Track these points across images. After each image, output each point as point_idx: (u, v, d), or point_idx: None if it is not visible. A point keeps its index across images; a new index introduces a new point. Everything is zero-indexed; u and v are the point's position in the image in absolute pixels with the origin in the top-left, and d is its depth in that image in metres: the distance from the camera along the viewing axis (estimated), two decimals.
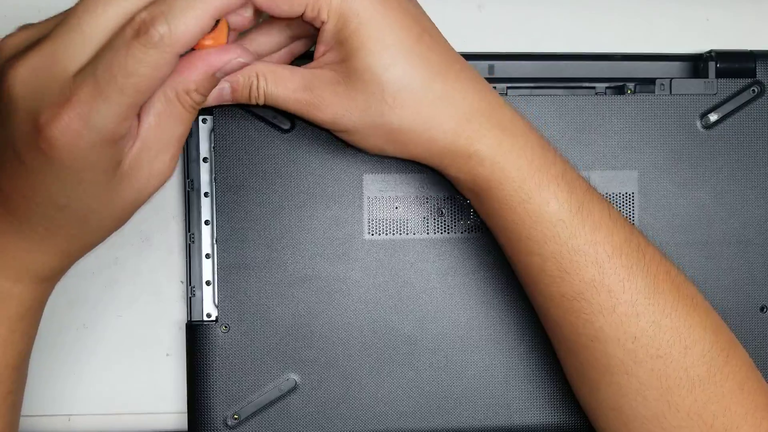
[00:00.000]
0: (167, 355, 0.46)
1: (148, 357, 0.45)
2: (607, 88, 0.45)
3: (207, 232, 0.43)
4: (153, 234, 0.46)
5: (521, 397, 0.44)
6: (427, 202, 0.43)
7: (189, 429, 0.43)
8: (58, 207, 0.32)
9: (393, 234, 0.43)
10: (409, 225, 0.44)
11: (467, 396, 0.44)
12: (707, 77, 0.45)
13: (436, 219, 0.44)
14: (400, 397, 0.43)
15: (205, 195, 0.43)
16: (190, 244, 0.43)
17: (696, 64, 0.46)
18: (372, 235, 0.43)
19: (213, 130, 0.43)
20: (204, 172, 0.43)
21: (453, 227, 0.44)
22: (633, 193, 0.45)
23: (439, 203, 0.44)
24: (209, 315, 0.43)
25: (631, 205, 0.45)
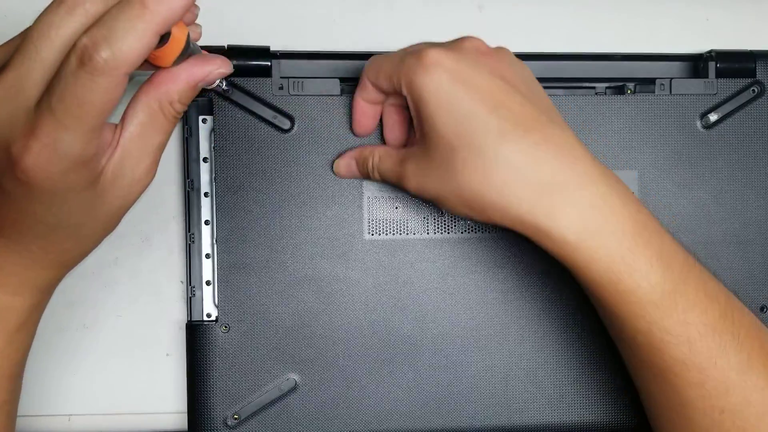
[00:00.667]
0: (167, 355, 0.46)
1: (148, 357, 0.45)
2: (607, 88, 0.45)
3: (207, 232, 0.43)
4: (153, 234, 0.46)
5: (521, 397, 0.44)
6: (427, 202, 0.43)
7: (189, 429, 0.43)
8: (49, 227, 0.32)
9: (393, 234, 0.43)
10: (409, 225, 0.44)
11: (467, 396, 0.44)
12: (707, 77, 0.45)
13: (436, 219, 0.44)
14: (400, 397, 0.43)
15: (205, 195, 0.43)
16: (190, 244, 0.43)
17: (696, 64, 0.46)
18: (372, 235, 0.43)
19: (213, 130, 0.43)
20: (204, 172, 0.43)
21: (453, 227, 0.44)
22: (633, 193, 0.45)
23: None
24: (209, 315, 0.43)
25: None
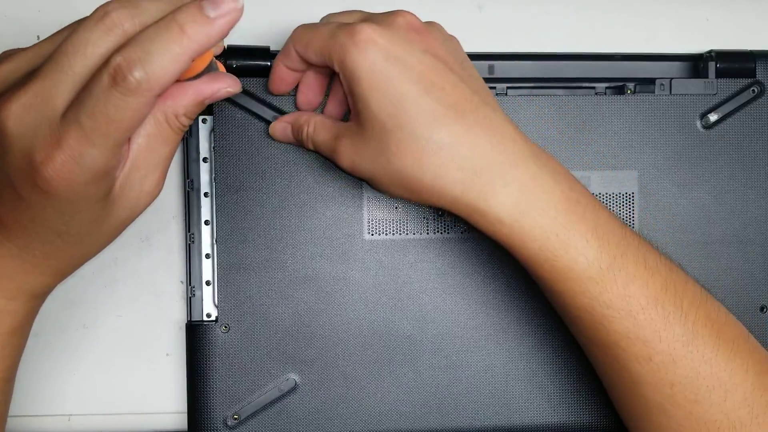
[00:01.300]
0: (167, 355, 0.46)
1: (148, 357, 0.45)
2: (607, 88, 0.45)
3: (207, 232, 0.43)
4: (153, 234, 0.46)
5: (521, 397, 0.44)
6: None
7: (189, 429, 0.43)
8: (57, 233, 0.32)
9: (393, 234, 0.43)
10: (409, 225, 0.44)
11: (467, 396, 0.44)
12: (707, 77, 0.45)
13: (435, 219, 0.44)
14: (400, 397, 0.43)
15: (205, 195, 0.43)
16: (190, 244, 0.43)
17: (696, 64, 0.46)
18: (372, 235, 0.43)
19: (213, 130, 0.43)
20: (204, 172, 0.43)
21: (453, 227, 0.44)
22: (633, 193, 0.45)
23: None
24: (209, 315, 0.43)
25: (631, 205, 0.45)
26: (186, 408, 0.44)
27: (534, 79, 0.44)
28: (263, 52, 0.43)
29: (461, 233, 0.44)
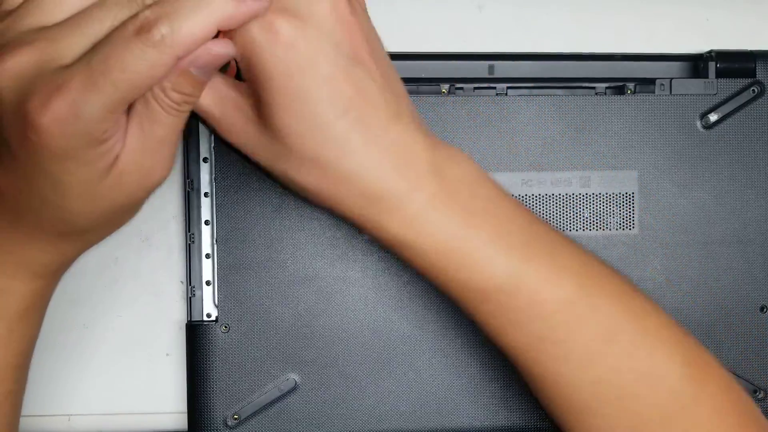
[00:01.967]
0: (167, 355, 0.46)
1: (148, 357, 0.45)
2: (607, 88, 0.45)
3: (207, 232, 0.43)
4: (153, 234, 0.46)
5: (521, 397, 0.44)
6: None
7: (189, 429, 0.43)
8: (49, 202, 0.31)
9: None
10: None
11: (467, 396, 0.44)
12: (707, 77, 0.45)
13: None
14: (400, 397, 0.43)
15: (205, 195, 0.43)
16: (190, 244, 0.43)
17: (696, 64, 0.46)
18: None
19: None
20: (204, 172, 0.43)
21: None
22: (633, 193, 0.45)
23: None
24: (209, 315, 0.43)
25: (631, 205, 0.45)
26: (186, 408, 0.44)
27: (534, 79, 0.44)
28: None
29: None
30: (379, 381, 0.43)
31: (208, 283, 0.43)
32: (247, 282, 0.43)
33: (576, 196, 0.44)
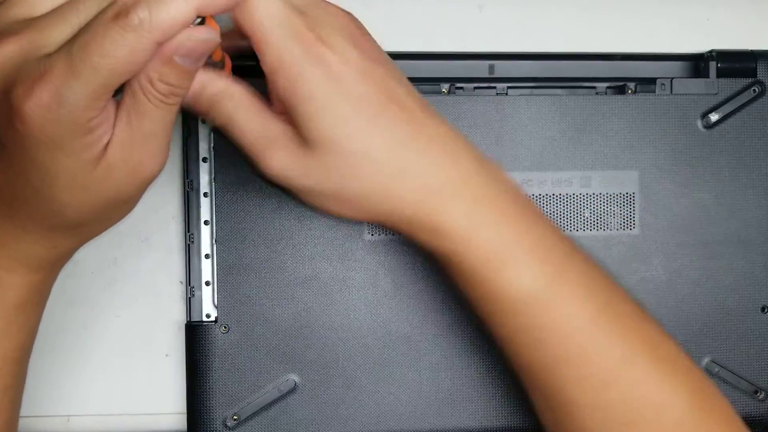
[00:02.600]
0: (167, 356, 0.46)
1: (147, 357, 0.45)
2: (608, 88, 0.45)
3: (207, 232, 0.43)
4: (152, 234, 0.45)
5: (521, 397, 0.44)
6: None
7: (188, 429, 0.43)
8: (33, 190, 0.31)
9: (393, 234, 0.43)
10: None
11: (467, 396, 0.44)
12: (708, 77, 0.45)
13: None
14: (400, 398, 0.43)
15: (205, 195, 0.43)
16: (189, 244, 0.43)
17: (697, 63, 0.46)
18: (372, 235, 0.43)
19: (213, 130, 0.42)
20: (204, 172, 0.43)
21: None
22: (633, 193, 0.45)
23: None
24: (209, 315, 0.43)
25: (632, 205, 0.44)
26: (185, 408, 0.44)
27: (534, 79, 0.44)
28: None
29: None
30: (379, 381, 0.43)
31: (207, 284, 0.43)
32: (247, 282, 0.43)
33: (576, 196, 0.44)
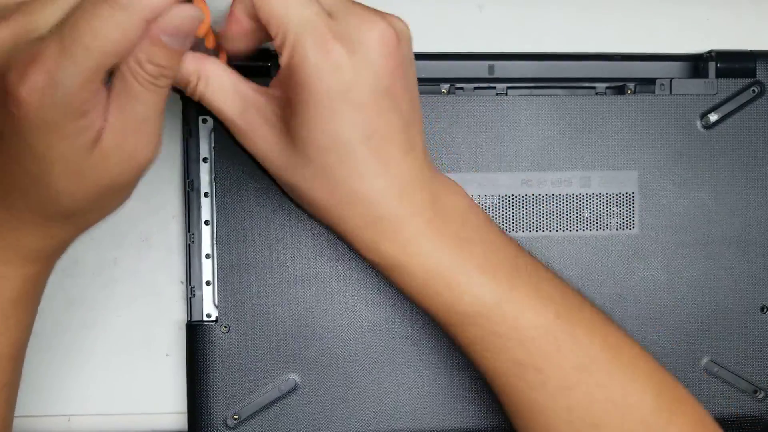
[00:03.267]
0: (167, 355, 0.46)
1: (148, 357, 0.45)
2: (607, 88, 0.45)
3: (207, 232, 0.43)
4: (153, 234, 0.46)
5: None
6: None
7: (189, 429, 0.43)
8: (29, 178, 0.31)
9: None
10: None
11: (467, 396, 0.44)
12: (707, 77, 0.45)
13: None
14: (400, 397, 0.43)
15: (205, 195, 0.43)
16: (190, 244, 0.43)
17: (696, 64, 0.46)
18: None
19: (213, 130, 0.42)
20: (204, 172, 0.43)
21: None
22: (633, 193, 0.45)
23: None
24: (209, 315, 0.43)
25: (631, 205, 0.45)
26: (186, 408, 0.44)
27: (534, 79, 0.44)
28: (263, 52, 0.43)
29: None
30: (379, 381, 0.43)
31: (208, 284, 0.43)
32: (247, 282, 0.43)
33: (576, 196, 0.44)
